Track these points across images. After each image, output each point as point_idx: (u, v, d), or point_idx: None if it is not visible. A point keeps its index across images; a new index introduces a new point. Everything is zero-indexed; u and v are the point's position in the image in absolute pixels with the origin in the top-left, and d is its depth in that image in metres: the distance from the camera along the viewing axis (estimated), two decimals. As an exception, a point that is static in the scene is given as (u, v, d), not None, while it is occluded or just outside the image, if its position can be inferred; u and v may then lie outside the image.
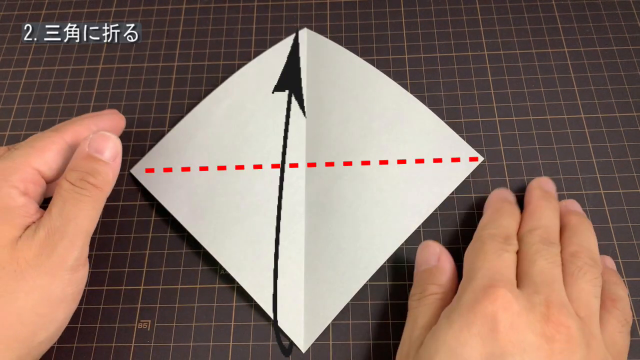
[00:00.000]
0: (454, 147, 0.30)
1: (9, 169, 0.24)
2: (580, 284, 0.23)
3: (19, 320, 0.22)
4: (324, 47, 0.34)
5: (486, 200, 0.28)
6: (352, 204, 0.29)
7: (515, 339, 0.20)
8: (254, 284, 0.27)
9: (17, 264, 0.22)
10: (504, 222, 0.26)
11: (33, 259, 0.22)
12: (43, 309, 0.22)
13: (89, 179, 0.24)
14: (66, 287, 0.23)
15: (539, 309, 0.21)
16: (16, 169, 0.24)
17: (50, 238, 0.23)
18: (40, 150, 0.25)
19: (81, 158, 0.25)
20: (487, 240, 0.25)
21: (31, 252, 0.22)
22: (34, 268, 0.22)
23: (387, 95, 0.32)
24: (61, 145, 0.26)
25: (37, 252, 0.22)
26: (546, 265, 0.23)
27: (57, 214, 0.23)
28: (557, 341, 0.20)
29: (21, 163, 0.24)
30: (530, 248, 0.24)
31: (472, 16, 0.36)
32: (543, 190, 0.28)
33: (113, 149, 0.26)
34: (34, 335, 0.22)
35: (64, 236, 0.23)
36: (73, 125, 0.27)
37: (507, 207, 0.27)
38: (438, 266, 0.26)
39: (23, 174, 0.24)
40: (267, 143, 0.31)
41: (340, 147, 0.30)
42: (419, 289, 0.25)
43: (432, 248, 0.26)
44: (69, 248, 0.23)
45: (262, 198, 0.29)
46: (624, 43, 0.35)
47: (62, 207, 0.23)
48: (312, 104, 0.32)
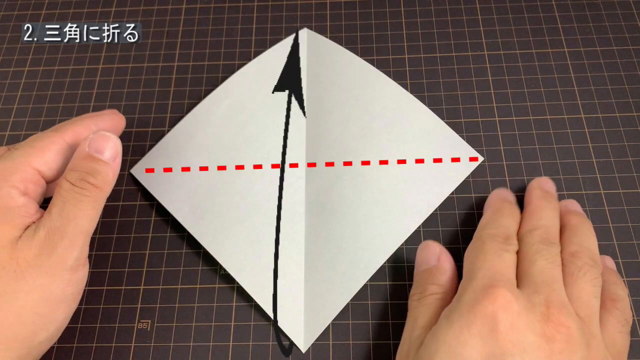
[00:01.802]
0: (454, 147, 0.30)
1: (9, 168, 0.24)
2: (581, 284, 0.23)
3: (19, 320, 0.22)
4: (324, 47, 0.34)
5: (486, 201, 0.28)
6: (352, 204, 0.29)
7: (515, 339, 0.20)
8: (254, 284, 0.27)
9: (17, 264, 0.22)
10: (504, 222, 0.26)
11: (33, 259, 0.22)
12: (43, 309, 0.22)
13: (89, 179, 0.24)
14: (66, 287, 0.23)
15: (539, 309, 0.21)
16: (16, 169, 0.24)
17: (50, 238, 0.23)
18: (40, 150, 0.25)
19: (81, 158, 0.25)
20: (487, 240, 0.25)
21: (31, 252, 0.22)
22: (34, 268, 0.22)
23: (387, 95, 0.32)
24: (61, 145, 0.26)
25: (37, 252, 0.22)
26: (546, 265, 0.23)
27: (57, 214, 0.23)
28: (557, 341, 0.20)
29: (21, 163, 0.24)
30: (530, 248, 0.24)
31: (472, 16, 0.36)
32: (543, 190, 0.28)
33: (113, 148, 0.26)
34: (34, 335, 0.22)
35: (64, 236, 0.23)
36: (73, 125, 0.27)
37: (507, 207, 0.27)
38: (438, 266, 0.26)
39: (23, 174, 0.24)
40: (267, 143, 0.31)
41: (340, 147, 0.30)
42: (419, 289, 0.25)
43: (432, 248, 0.26)
44: (69, 248, 0.23)
45: (262, 198, 0.29)
46: (624, 43, 0.35)
47: (62, 207, 0.23)
48: (312, 104, 0.32)
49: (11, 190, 0.24)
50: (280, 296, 0.27)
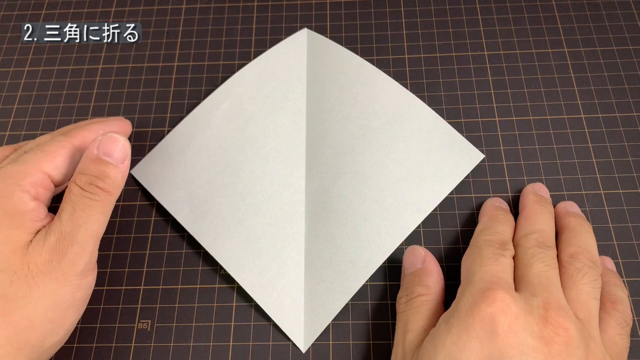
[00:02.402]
0: (454, 144, 0.30)
1: (21, 173, 0.24)
2: (579, 286, 0.23)
3: (30, 325, 0.22)
4: (324, 47, 0.34)
5: (480, 209, 0.29)
6: (351, 203, 0.29)
7: (513, 342, 0.20)
8: (254, 284, 0.27)
9: (28, 269, 0.22)
10: (500, 229, 0.26)
11: (44, 265, 0.22)
12: (53, 314, 0.22)
13: (98, 183, 0.24)
14: (76, 292, 0.23)
15: (537, 311, 0.21)
16: (28, 174, 0.24)
17: (60, 244, 0.23)
18: (51, 155, 0.25)
19: (90, 161, 0.25)
20: (483, 245, 0.25)
21: (42, 258, 0.22)
22: (44, 274, 0.22)
23: (387, 93, 0.32)
24: (70, 150, 0.26)
25: (48, 257, 0.22)
26: (543, 268, 0.23)
27: (67, 219, 0.23)
28: (556, 343, 0.20)
29: (33, 167, 0.24)
30: (527, 252, 0.24)
31: (472, 16, 0.36)
32: (537, 195, 0.28)
33: (122, 151, 0.25)
34: (44, 340, 0.22)
35: (74, 242, 0.23)
36: (82, 130, 0.27)
37: (502, 214, 0.27)
38: (423, 268, 0.26)
39: (34, 179, 0.24)
40: (267, 144, 0.31)
41: (340, 146, 0.30)
42: (406, 291, 0.25)
43: (417, 251, 0.27)
44: (79, 253, 0.23)
45: (262, 198, 0.29)
46: (624, 43, 0.35)
47: (72, 212, 0.23)
48: (312, 103, 0.32)
49: (23, 195, 0.24)
50: (280, 296, 0.27)
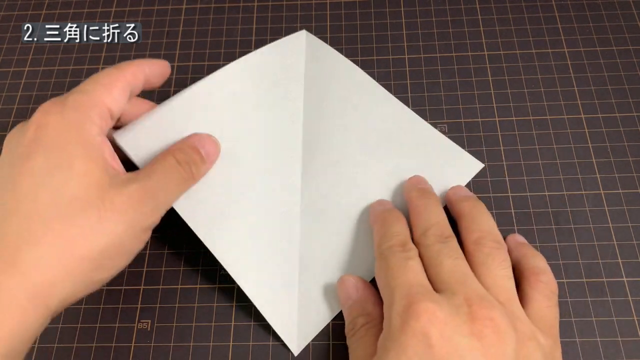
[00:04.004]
0: (452, 156, 0.31)
1: (87, 102, 0.24)
2: (493, 271, 0.24)
3: (90, 255, 0.22)
4: (323, 53, 0.33)
5: (369, 216, 0.28)
6: (348, 211, 0.29)
7: (449, 349, 0.20)
8: (251, 285, 0.27)
9: (102, 204, 0.22)
10: (395, 230, 0.26)
11: (120, 205, 0.22)
12: (111, 253, 0.23)
13: (192, 166, 0.26)
14: (134, 243, 0.24)
15: (462, 310, 0.21)
16: (95, 104, 0.24)
17: (142, 194, 0.23)
18: (108, 87, 0.25)
19: (189, 146, 0.26)
20: (387, 254, 0.25)
21: (119, 199, 0.22)
22: (118, 214, 0.22)
23: (386, 108, 0.32)
24: (124, 83, 0.25)
25: (126, 201, 0.23)
26: (452, 263, 0.24)
27: (156, 178, 0.24)
28: (486, 336, 0.21)
29: (96, 97, 0.24)
30: (431, 250, 0.24)
31: (472, 16, 0.36)
32: (418, 190, 0.28)
33: (215, 155, 0.27)
34: (94, 274, 0.23)
35: (154, 199, 0.24)
36: (130, 65, 0.26)
37: (389, 215, 0.27)
38: (360, 296, 0.26)
39: (99, 110, 0.24)
40: (265, 144, 0.30)
41: (338, 155, 0.30)
42: (350, 325, 0.25)
43: (348, 282, 0.26)
44: (154, 211, 0.24)
45: (259, 201, 0.29)
46: (624, 43, 0.35)
47: (162, 175, 0.24)
48: (310, 109, 0.31)
49: (92, 127, 0.23)
50: (275, 298, 0.27)
